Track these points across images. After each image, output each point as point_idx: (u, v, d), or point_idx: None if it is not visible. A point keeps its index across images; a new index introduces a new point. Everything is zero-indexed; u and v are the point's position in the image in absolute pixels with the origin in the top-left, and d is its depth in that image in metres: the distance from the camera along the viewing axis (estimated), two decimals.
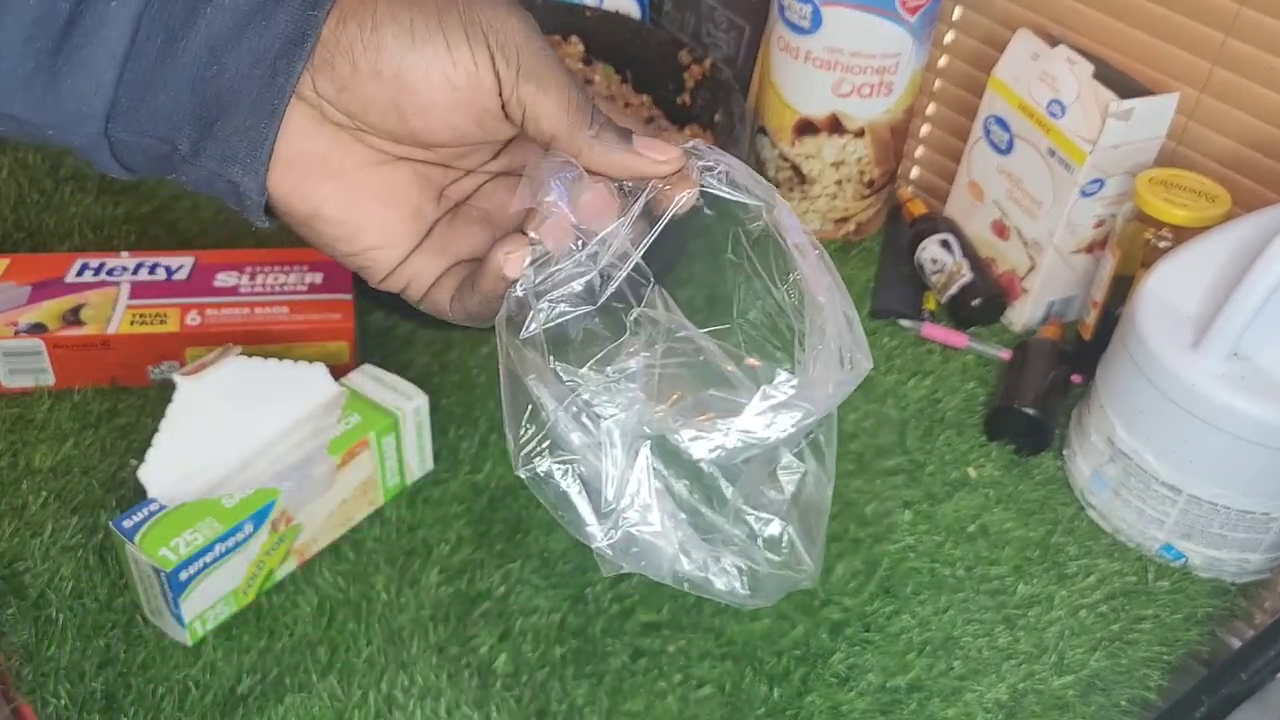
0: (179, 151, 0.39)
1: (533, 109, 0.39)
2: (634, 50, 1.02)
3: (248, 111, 0.38)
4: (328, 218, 0.41)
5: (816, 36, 0.92)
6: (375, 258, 0.42)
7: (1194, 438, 0.72)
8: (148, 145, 0.39)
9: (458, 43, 0.38)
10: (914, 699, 0.68)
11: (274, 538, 0.68)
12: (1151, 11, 0.86)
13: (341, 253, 0.42)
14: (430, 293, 0.43)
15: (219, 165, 0.39)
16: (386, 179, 0.41)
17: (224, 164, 0.39)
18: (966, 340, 0.92)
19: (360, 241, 0.41)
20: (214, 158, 0.39)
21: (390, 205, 0.42)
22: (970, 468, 0.83)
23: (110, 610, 0.68)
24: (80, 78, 0.37)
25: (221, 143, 0.39)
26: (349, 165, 0.40)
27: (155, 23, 0.37)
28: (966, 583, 0.75)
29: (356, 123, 0.40)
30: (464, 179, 0.44)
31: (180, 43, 0.37)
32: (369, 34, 0.38)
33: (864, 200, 1.01)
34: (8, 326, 0.78)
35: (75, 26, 0.37)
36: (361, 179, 0.41)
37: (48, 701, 0.63)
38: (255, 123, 0.38)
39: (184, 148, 0.39)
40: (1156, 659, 0.72)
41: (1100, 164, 0.85)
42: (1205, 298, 0.74)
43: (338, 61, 0.38)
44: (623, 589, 0.72)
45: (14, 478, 0.75)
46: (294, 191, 0.40)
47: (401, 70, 0.38)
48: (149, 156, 0.40)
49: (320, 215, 0.41)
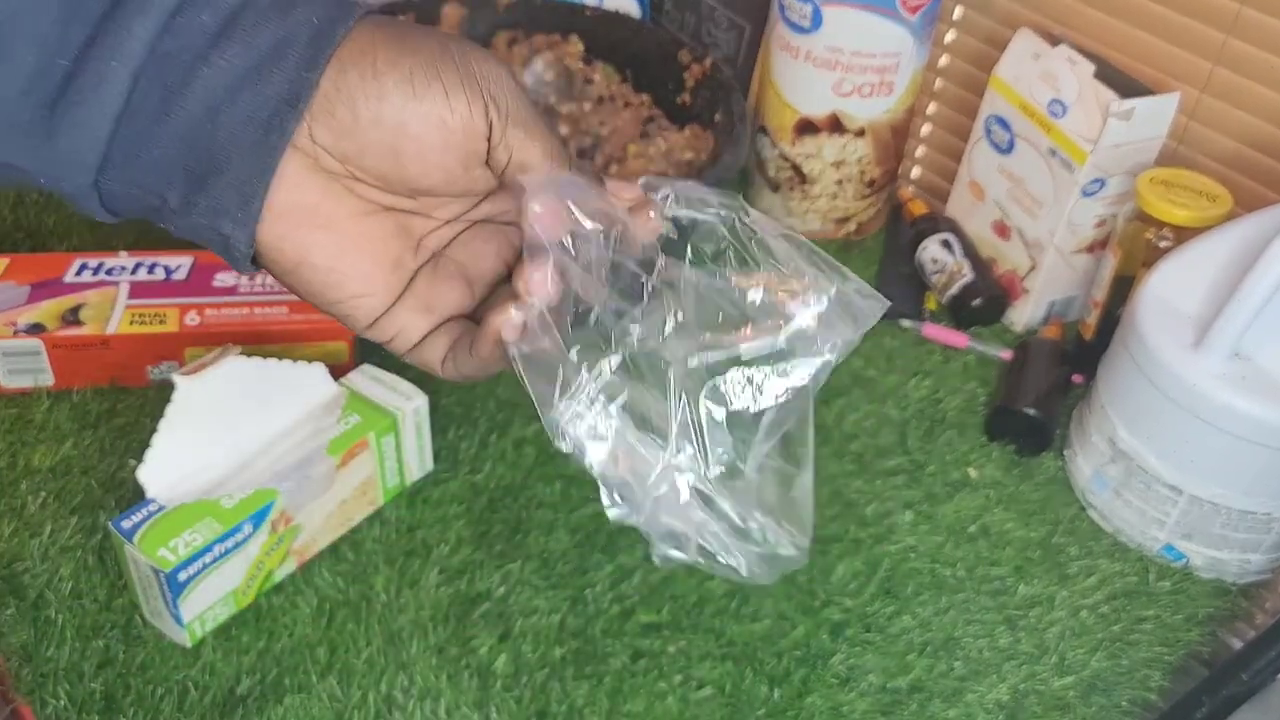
0: (168, 204, 0.40)
1: (519, 154, 0.41)
2: (634, 50, 1.02)
3: (240, 168, 0.39)
4: (315, 265, 0.41)
5: (817, 36, 0.92)
6: (359, 305, 0.43)
7: (1195, 438, 0.72)
8: (137, 196, 0.40)
9: (455, 90, 0.39)
10: (915, 700, 0.68)
11: (273, 538, 0.68)
12: (1152, 11, 0.86)
13: (327, 300, 0.43)
14: (419, 349, 0.45)
15: (210, 219, 0.40)
16: (371, 229, 0.42)
17: (215, 218, 0.40)
18: (967, 340, 0.92)
19: (345, 289, 0.42)
20: (205, 212, 0.40)
21: (373, 255, 0.42)
22: (971, 468, 0.83)
23: (109, 611, 0.68)
24: (75, 133, 0.38)
25: (213, 197, 0.39)
26: (339, 215, 0.41)
27: (153, 82, 0.37)
28: (967, 583, 0.75)
29: (350, 169, 0.41)
30: (441, 229, 0.45)
31: (176, 101, 0.38)
32: (370, 82, 0.39)
33: (865, 200, 1.01)
34: (7, 326, 0.78)
35: (74, 82, 0.37)
36: (350, 228, 0.42)
37: (47, 702, 0.63)
38: (248, 179, 0.39)
39: (173, 201, 0.40)
40: (1157, 660, 0.72)
41: (1101, 164, 0.85)
42: (1206, 298, 0.74)
43: (339, 110, 0.39)
44: (623, 590, 0.72)
45: (13, 478, 0.75)
46: (285, 239, 0.41)
47: (403, 118, 0.39)
48: (137, 207, 0.40)
49: (307, 263, 0.41)
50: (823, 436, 0.84)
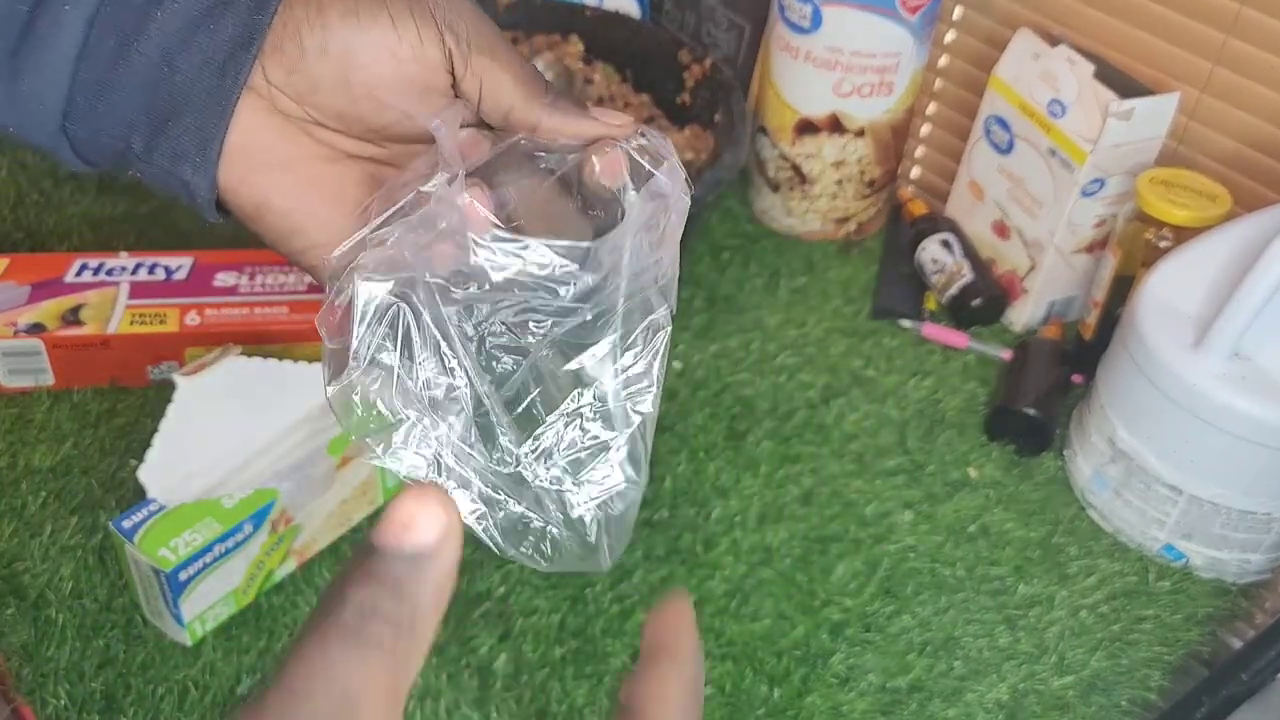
0: (133, 150, 0.40)
1: (489, 80, 0.40)
2: (634, 50, 1.02)
3: (197, 111, 0.39)
4: (274, 208, 0.41)
5: (817, 36, 0.92)
6: (324, 255, 0.41)
7: (1195, 438, 0.72)
8: (105, 143, 0.40)
9: (403, 18, 0.39)
10: (914, 699, 0.68)
11: (273, 538, 0.68)
12: (1152, 11, 0.86)
13: (291, 248, 0.42)
14: None
15: (170, 164, 0.40)
16: (335, 174, 0.42)
17: (175, 162, 0.40)
18: (967, 340, 0.92)
19: (307, 236, 0.41)
20: (165, 156, 0.40)
21: (337, 202, 0.42)
22: (971, 468, 0.83)
23: (110, 611, 0.68)
24: (37, 78, 0.38)
25: (173, 141, 0.39)
26: (297, 157, 0.41)
27: (107, 25, 0.38)
28: (967, 583, 0.75)
29: (306, 108, 0.40)
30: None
31: (133, 45, 0.38)
32: (314, 15, 0.39)
33: (864, 200, 1.01)
34: (7, 326, 0.78)
35: (32, 29, 0.38)
36: (309, 171, 0.41)
37: (47, 702, 0.63)
38: (204, 122, 0.39)
39: (138, 146, 0.40)
40: (1157, 659, 0.72)
41: (1101, 164, 0.85)
42: (1206, 298, 0.74)
43: (286, 45, 0.39)
44: (623, 589, 0.72)
45: (13, 478, 0.75)
46: (243, 181, 0.41)
47: (349, 46, 0.39)
48: (107, 153, 0.41)
49: (267, 206, 0.41)
50: (822, 436, 0.84)
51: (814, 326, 0.93)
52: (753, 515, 0.78)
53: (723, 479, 0.80)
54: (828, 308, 0.95)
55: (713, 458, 0.81)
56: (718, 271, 0.97)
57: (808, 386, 0.87)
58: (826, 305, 0.95)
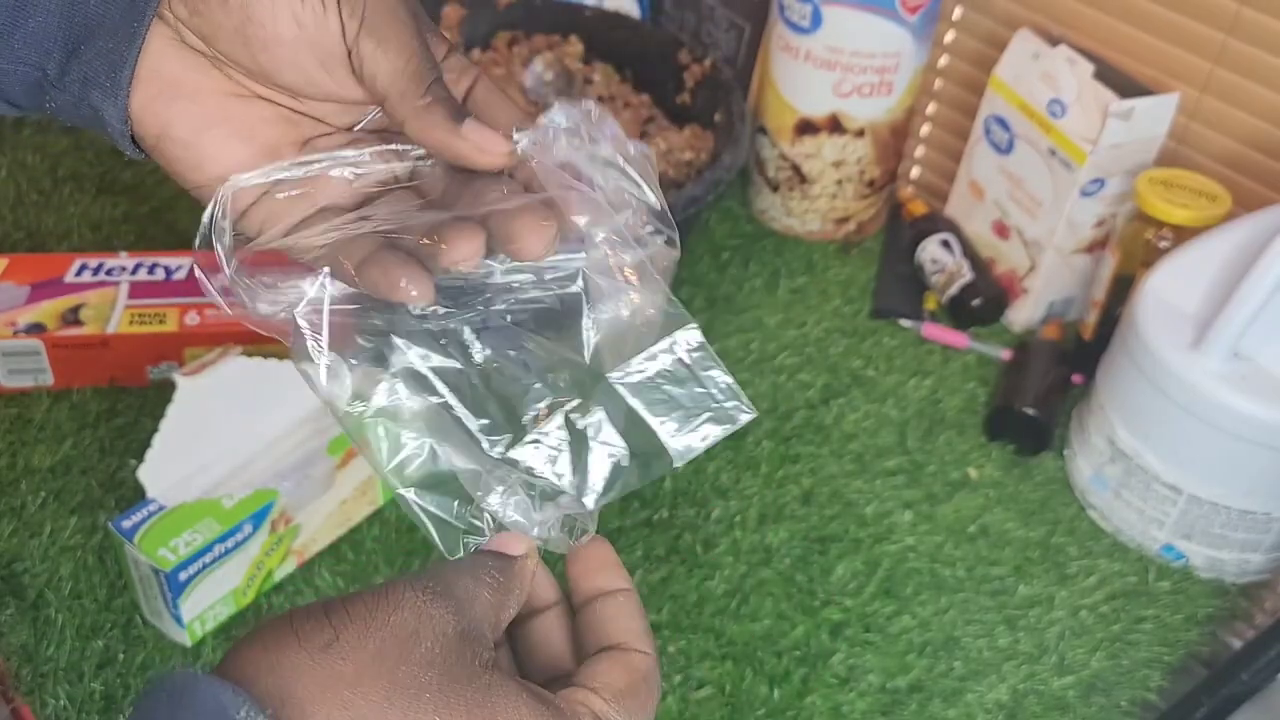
0: (47, 76, 0.39)
1: (369, 66, 0.39)
2: (634, 50, 1.02)
3: (109, 35, 0.38)
4: (175, 138, 0.40)
5: (816, 36, 0.92)
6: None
7: (1195, 438, 0.72)
8: (23, 74, 0.39)
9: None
10: (914, 700, 0.68)
11: (273, 538, 0.68)
12: (1152, 11, 0.86)
13: (191, 182, 0.41)
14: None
15: (81, 89, 0.39)
16: (242, 111, 0.40)
17: (86, 88, 0.39)
18: (967, 340, 0.92)
19: (207, 170, 0.40)
20: (76, 81, 0.39)
21: (242, 138, 0.40)
22: (971, 468, 0.83)
23: (109, 610, 0.68)
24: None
25: (84, 65, 0.39)
26: (203, 89, 0.40)
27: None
28: (967, 583, 0.75)
29: (211, 49, 0.39)
30: (335, 135, 0.42)
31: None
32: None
33: (864, 200, 1.01)
34: (7, 326, 0.78)
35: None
36: (214, 105, 0.40)
37: (47, 702, 0.63)
38: (116, 46, 0.38)
39: (52, 72, 0.39)
40: (1157, 659, 0.72)
41: (1100, 164, 0.85)
42: (1206, 298, 0.74)
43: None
44: None
45: (13, 478, 0.75)
46: (146, 109, 0.39)
47: (247, 1, 0.38)
48: (26, 85, 0.40)
49: (168, 136, 0.40)
50: (822, 436, 0.84)
51: (814, 326, 0.93)
52: (753, 515, 0.78)
53: (723, 479, 0.80)
54: (827, 308, 0.95)
55: (712, 458, 0.81)
56: (717, 271, 0.97)
57: (807, 386, 0.87)
58: (826, 305, 0.95)
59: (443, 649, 0.34)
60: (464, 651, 0.35)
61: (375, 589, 0.36)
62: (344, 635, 0.34)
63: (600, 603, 0.40)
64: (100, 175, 0.99)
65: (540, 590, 0.42)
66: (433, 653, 0.34)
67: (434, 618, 0.35)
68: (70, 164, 0.99)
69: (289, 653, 0.33)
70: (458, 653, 0.35)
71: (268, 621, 0.35)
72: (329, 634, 0.34)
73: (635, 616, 0.40)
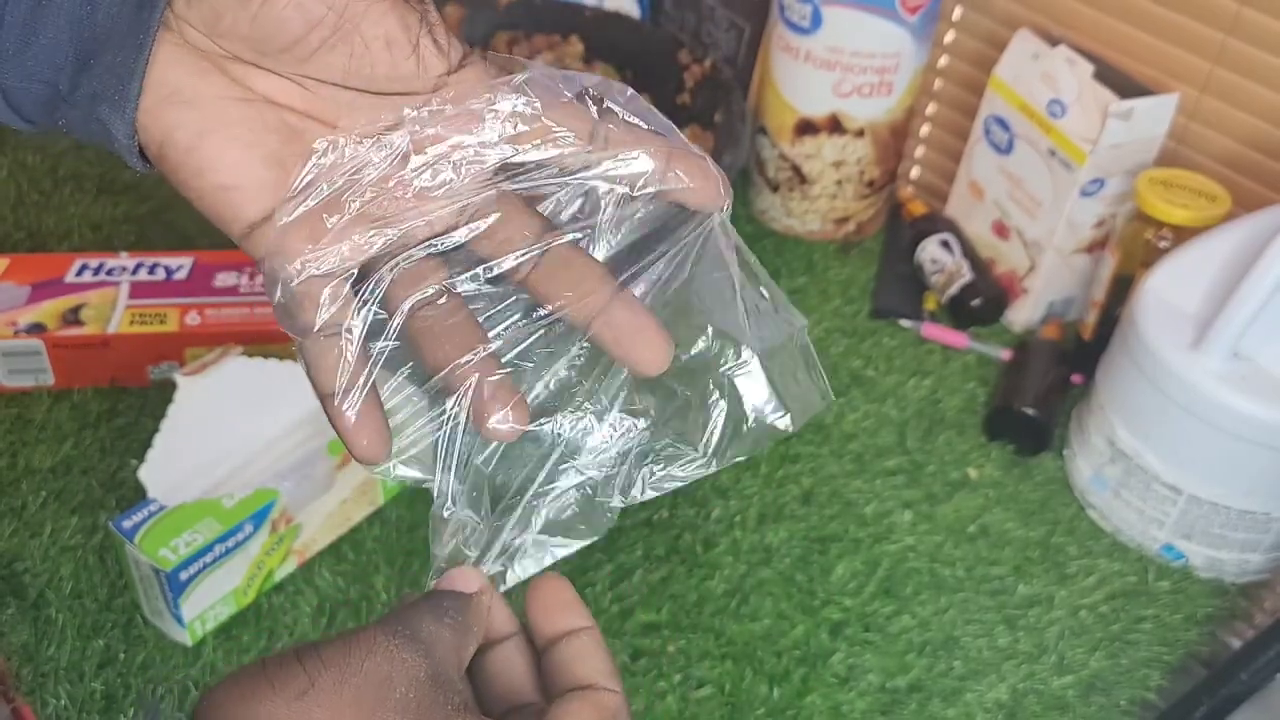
0: (59, 92, 0.39)
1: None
2: (634, 50, 1.02)
3: (117, 48, 0.38)
4: (176, 144, 0.39)
5: (816, 36, 0.92)
6: (228, 201, 0.39)
7: (1195, 438, 0.72)
8: (37, 90, 0.39)
9: None
10: (914, 699, 0.68)
11: (274, 538, 0.68)
12: (1151, 11, 0.86)
13: (194, 191, 0.40)
14: None
15: (90, 103, 0.38)
16: (245, 115, 0.39)
17: (94, 103, 0.38)
18: (967, 340, 0.92)
19: (209, 178, 0.39)
20: (85, 96, 0.38)
21: (245, 143, 0.39)
22: (970, 468, 0.83)
23: (110, 610, 0.68)
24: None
25: (94, 79, 0.38)
26: (207, 94, 0.39)
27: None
28: (967, 583, 0.75)
29: (216, 40, 0.39)
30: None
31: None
32: None
33: (864, 200, 1.01)
34: (7, 326, 0.78)
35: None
36: (217, 110, 0.39)
37: (47, 702, 0.63)
38: (124, 59, 0.38)
39: (64, 87, 0.39)
40: (1157, 659, 0.72)
41: (1100, 164, 0.85)
42: (1206, 298, 0.74)
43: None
44: (622, 589, 0.72)
45: (13, 478, 0.75)
46: (148, 117, 0.39)
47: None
48: (39, 102, 0.39)
49: (170, 143, 0.39)
50: (822, 436, 0.84)
51: (813, 326, 0.93)
52: (752, 515, 0.78)
53: (723, 479, 0.80)
54: (827, 308, 0.95)
55: None
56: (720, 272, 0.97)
57: None
58: (826, 305, 0.95)
59: (416, 694, 0.35)
60: (437, 695, 0.35)
61: (346, 634, 0.36)
62: (319, 683, 0.34)
63: (565, 643, 0.40)
64: (101, 175, 0.99)
65: (496, 623, 0.42)
66: (407, 698, 0.35)
67: (406, 662, 0.35)
68: (71, 164, 1.00)
69: (264, 702, 0.33)
70: (431, 697, 0.35)
71: (242, 670, 0.35)
72: (304, 681, 0.34)
73: (601, 655, 0.40)
